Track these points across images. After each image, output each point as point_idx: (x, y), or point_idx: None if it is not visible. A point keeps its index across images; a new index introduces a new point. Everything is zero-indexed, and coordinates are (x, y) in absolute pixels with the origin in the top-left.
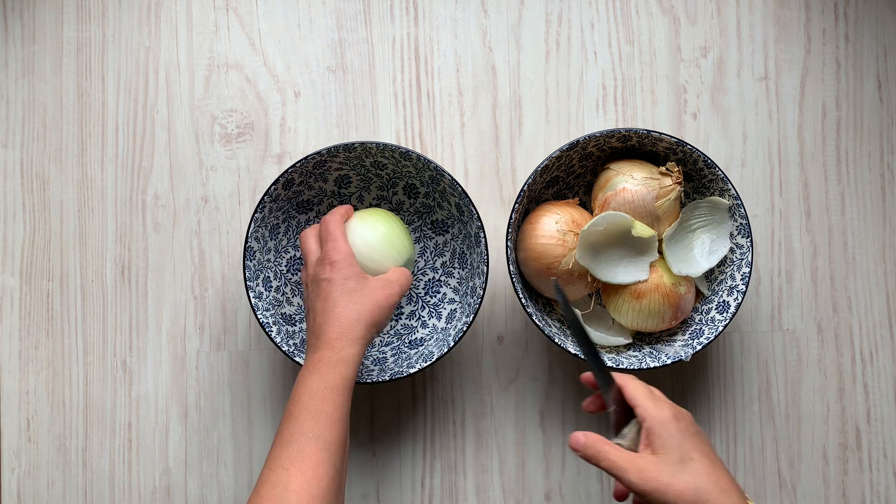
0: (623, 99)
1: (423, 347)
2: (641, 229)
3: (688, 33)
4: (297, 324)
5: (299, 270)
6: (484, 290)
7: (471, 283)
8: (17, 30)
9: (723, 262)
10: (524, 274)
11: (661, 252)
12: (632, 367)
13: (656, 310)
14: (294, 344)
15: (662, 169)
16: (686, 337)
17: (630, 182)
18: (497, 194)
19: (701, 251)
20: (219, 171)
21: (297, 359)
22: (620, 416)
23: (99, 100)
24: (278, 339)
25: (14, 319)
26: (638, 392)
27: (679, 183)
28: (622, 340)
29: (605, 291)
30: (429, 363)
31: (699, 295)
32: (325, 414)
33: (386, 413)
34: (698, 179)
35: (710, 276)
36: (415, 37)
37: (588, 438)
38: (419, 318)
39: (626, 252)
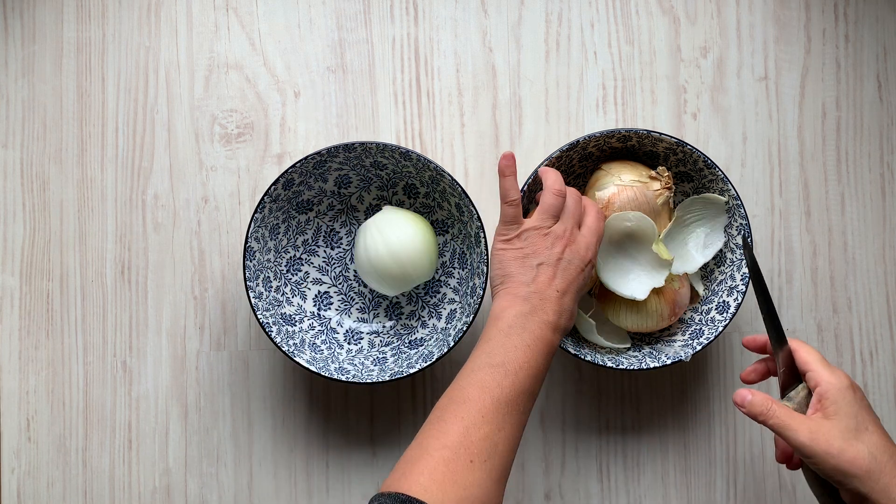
0: (623, 99)
1: (423, 347)
2: (662, 249)
3: (688, 33)
4: (296, 324)
5: (299, 270)
6: (484, 290)
7: (471, 283)
8: (17, 30)
9: (722, 263)
10: None
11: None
12: (632, 367)
13: (654, 309)
14: (294, 344)
15: (652, 173)
16: (686, 337)
17: (617, 184)
18: (497, 194)
19: (695, 246)
20: (219, 171)
21: (296, 359)
22: (788, 380)
23: (99, 100)
24: (278, 339)
25: (14, 319)
26: (812, 356)
27: (668, 188)
28: (624, 344)
29: (600, 293)
30: (429, 363)
31: (695, 295)
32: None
33: (386, 413)
34: (698, 179)
35: (709, 276)
36: (415, 37)
37: (755, 396)
38: (419, 318)
39: (635, 264)
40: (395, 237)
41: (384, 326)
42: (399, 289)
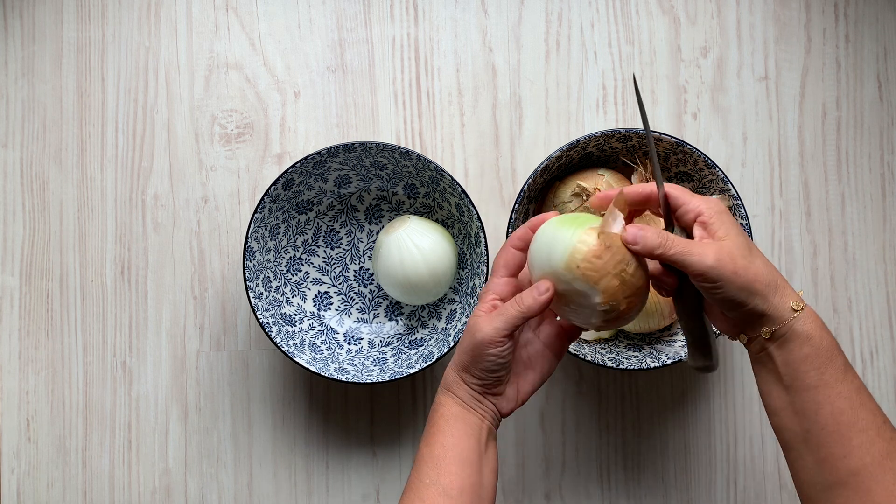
0: (623, 99)
1: (423, 347)
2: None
3: (688, 33)
4: (296, 324)
5: (299, 270)
6: None
7: (471, 283)
8: (17, 30)
9: None
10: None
11: None
12: (632, 366)
13: (653, 309)
14: (294, 344)
15: (577, 189)
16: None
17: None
18: (497, 194)
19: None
20: (219, 171)
21: (296, 359)
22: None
23: (99, 100)
24: (278, 339)
25: (14, 319)
26: (681, 190)
27: (587, 196)
28: (605, 334)
29: None
30: (429, 363)
31: None
32: (436, 458)
33: (386, 413)
34: (698, 179)
35: None
36: (415, 37)
37: (646, 230)
38: (419, 318)
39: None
40: (430, 251)
41: (384, 326)
42: (426, 300)
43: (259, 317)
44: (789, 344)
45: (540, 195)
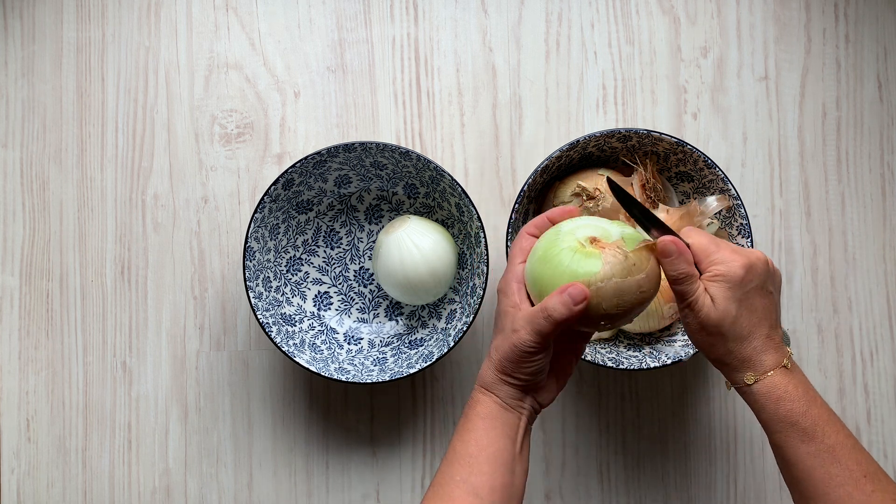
0: (623, 99)
1: (423, 347)
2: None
3: (688, 33)
4: (296, 324)
5: (299, 270)
6: (484, 290)
7: (471, 283)
8: (17, 30)
9: None
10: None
11: None
12: (632, 366)
13: (653, 310)
14: (294, 344)
15: (577, 189)
16: (686, 337)
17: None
18: (497, 194)
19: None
20: (219, 171)
21: (296, 359)
22: None
23: (99, 100)
24: (278, 339)
25: (14, 319)
26: (706, 244)
27: (593, 197)
28: (604, 334)
29: None
30: (429, 363)
31: None
32: (469, 457)
33: (386, 413)
34: (698, 179)
35: None
36: (415, 37)
37: (678, 245)
38: (419, 318)
39: None
40: (430, 251)
41: (384, 326)
42: (426, 300)
43: (259, 317)
44: (751, 406)
45: (540, 195)
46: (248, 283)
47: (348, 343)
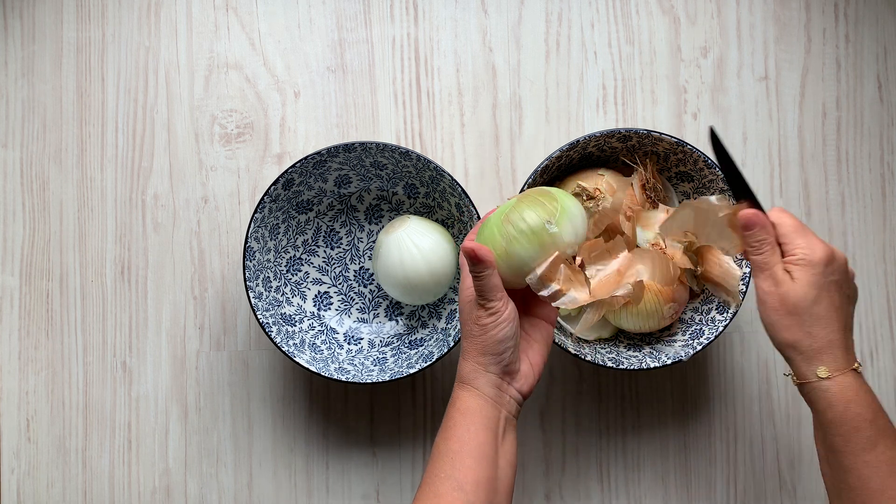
0: (623, 99)
1: (423, 347)
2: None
3: (688, 33)
4: (296, 324)
5: (299, 270)
6: None
7: None
8: (17, 30)
9: None
10: None
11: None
12: (632, 366)
13: (653, 310)
14: (294, 344)
15: (577, 189)
16: (686, 337)
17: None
18: (497, 194)
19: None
20: (219, 171)
21: (297, 359)
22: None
23: (99, 100)
24: (278, 339)
25: (14, 319)
26: (790, 229)
27: (593, 197)
28: (604, 333)
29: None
30: (429, 363)
31: (692, 294)
32: (452, 452)
33: (386, 413)
34: (698, 179)
35: None
36: (415, 37)
37: (759, 219)
38: (419, 318)
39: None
40: (430, 251)
41: (384, 326)
42: (426, 300)
43: (259, 317)
44: (814, 404)
45: None
46: (248, 283)
47: (348, 343)
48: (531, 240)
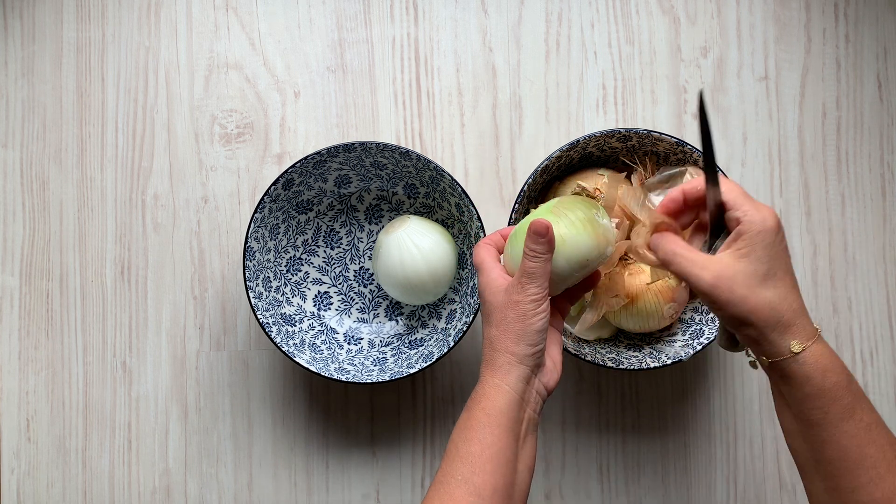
0: (623, 99)
1: (423, 347)
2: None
3: (688, 33)
4: (296, 324)
5: (299, 270)
6: None
7: (471, 283)
8: (17, 30)
9: None
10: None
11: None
12: (632, 366)
13: (653, 310)
14: (294, 344)
15: (577, 189)
16: (686, 337)
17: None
18: (497, 194)
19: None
20: (219, 171)
21: (297, 359)
22: (717, 230)
23: (99, 100)
24: (278, 340)
25: (14, 319)
26: (735, 192)
27: (593, 196)
28: (604, 333)
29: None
30: (429, 363)
31: (692, 294)
32: (472, 455)
33: (386, 413)
34: None
35: None
36: (415, 37)
37: (663, 238)
38: (419, 318)
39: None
40: (430, 251)
41: (384, 326)
42: (426, 300)
43: (259, 317)
44: (790, 380)
45: (540, 195)
46: (248, 283)
47: (348, 343)
48: (588, 229)
